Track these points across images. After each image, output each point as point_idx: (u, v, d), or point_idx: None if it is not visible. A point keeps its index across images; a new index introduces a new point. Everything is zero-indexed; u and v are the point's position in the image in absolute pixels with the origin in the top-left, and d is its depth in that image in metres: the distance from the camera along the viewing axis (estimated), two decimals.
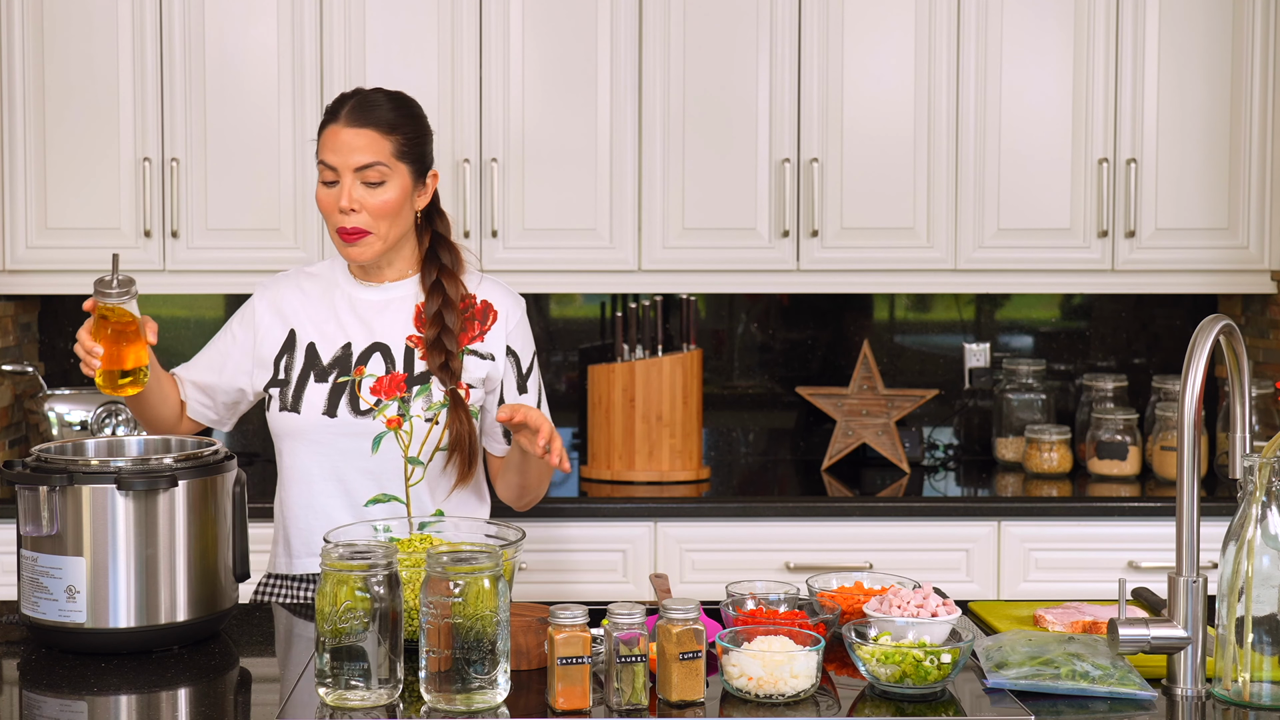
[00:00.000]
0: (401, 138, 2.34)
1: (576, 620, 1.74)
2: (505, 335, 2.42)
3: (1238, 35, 3.55)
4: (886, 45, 3.53)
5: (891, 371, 3.93)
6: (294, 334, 2.40)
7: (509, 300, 2.45)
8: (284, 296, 2.44)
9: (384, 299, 2.41)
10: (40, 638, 2.02)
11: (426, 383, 2.34)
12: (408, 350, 2.37)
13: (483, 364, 2.40)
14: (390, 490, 2.36)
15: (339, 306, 2.41)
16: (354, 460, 2.35)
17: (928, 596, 1.93)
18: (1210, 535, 2.14)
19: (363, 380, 2.35)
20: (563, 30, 3.51)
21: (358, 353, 2.37)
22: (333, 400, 2.35)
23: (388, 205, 2.32)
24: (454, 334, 2.36)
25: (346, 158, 2.30)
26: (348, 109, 2.34)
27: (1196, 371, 1.79)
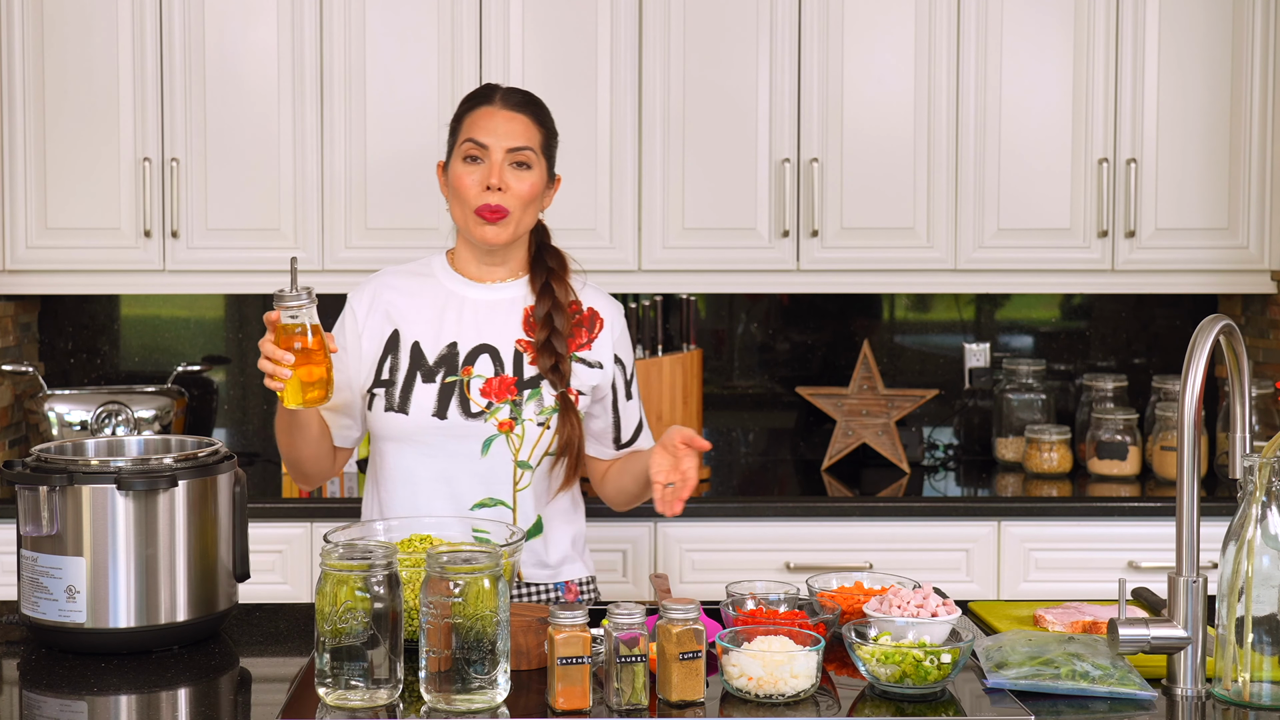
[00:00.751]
0: (547, 132, 2.37)
1: (576, 620, 1.74)
2: (612, 343, 2.41)
3: (1238, 35, 3.55)
4: (886, 45, 3.53)
5: (891, 371, 3.93)
6: (397, 334, 2.35)
7: (612, 308, 2.44)
8: (384, 294, 2.39)
9: (493, 299, 2.37)
10: (40, 638, 2.02)
11: (537, 387, 2.32)
12: (517, 354, 2.33)
13: (591, 372, 2.38)
14: (497, 494, 2.32)
15: (445, 305, 2.37)
16: (462, 462, 2.31)
17: (928, 596, 1.93)
18: (1210, 535, 2.14)
19: (471, 381, 2.31)
20: (563, 30, 3.51)
21: (464, 353, 2.33)
22: (442, 401, 2.30)
23: (532, 190, 2.31)
24: (564, 336, 2.33)
25: (502, 138, 2.30)
26: (502, 93, 2.35)
27: (1196, 371, 1.79)
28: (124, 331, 3.90)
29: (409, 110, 3.50)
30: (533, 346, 2.34)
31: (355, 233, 3.51)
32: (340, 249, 3.51)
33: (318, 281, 3.54)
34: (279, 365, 2.08)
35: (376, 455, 2.40)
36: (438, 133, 3.50)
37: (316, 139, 3.50)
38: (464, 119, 2.35)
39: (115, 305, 3.88)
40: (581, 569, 2.44)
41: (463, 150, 2.33)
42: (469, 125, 2.33)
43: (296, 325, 2.07)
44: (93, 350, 3.88)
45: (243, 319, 3.90)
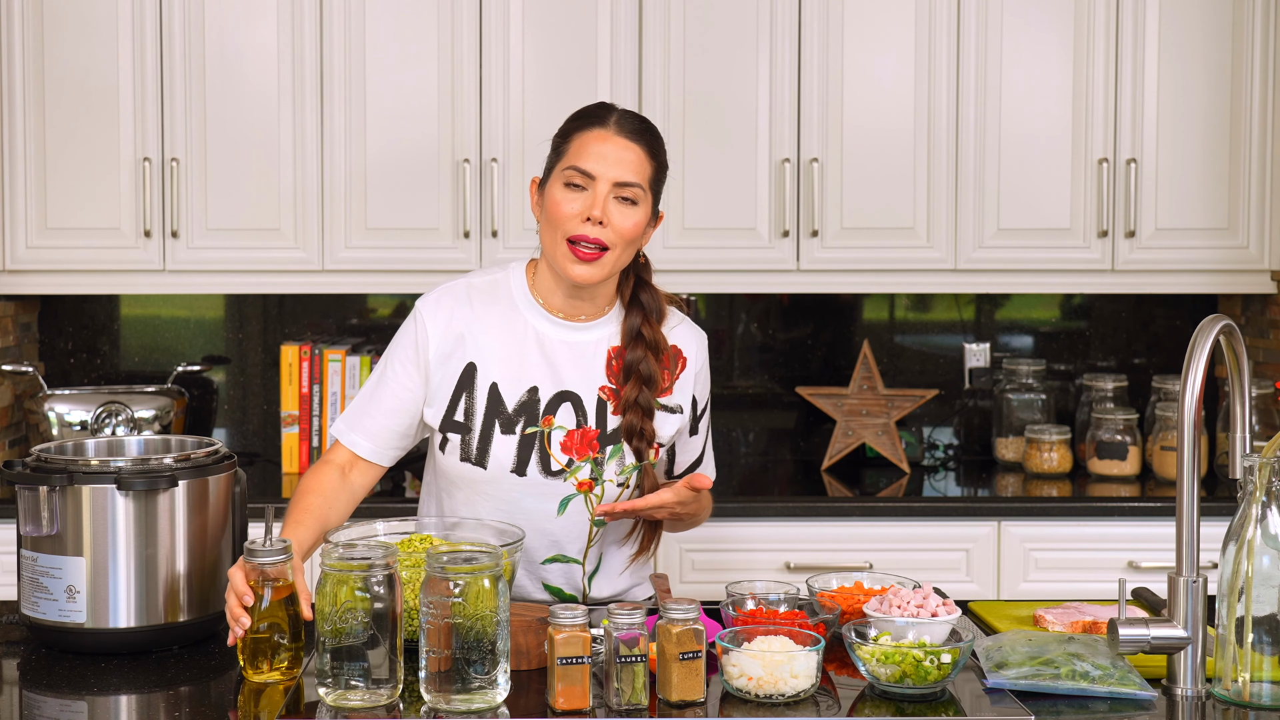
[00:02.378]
0: (658, 166, 2.19)
1: (576, 620, 1.74)
2: (693, 379, 2.29)
3: (1238, 35, 3.55)
4: (886, 45, 3.53)
5: (891, 371, 3.93)
6: (473, 368, 2.19)
7: (695, 343, 2.30)
8: (463, 320, 2.20)
9: (577, 340, 2.21)
10: (40, 638, 2.02)
11: (619, 442, 2.19)
12: (600, 403, 2.20)
13: (670, 418, 2.26)
14: (568, 553, 2.23)
15: (526, 344, 2.20)
16: (536, 521, 2.19)
17: (928, 596, 1.93)
18: (1210, 535, 2.13)
19: (552, 433, 2.18)
20: (563, 30, 3.51)
21: (545, 399, 2.18)
22: (522, 456, 2.17)
23: (634, 228, 2.13)
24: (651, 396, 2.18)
25: (611, 168, 2.11)
26: (617, 118, 2.16)
27: (1196, 371, 1.79)
28: (124, 331, 3.90)
29: (409, 110, 3.50)
30: (616, 397, 2.20)
31: (355, 233, 3.51)
32: (340, 249, 3.51)
33: (318, 281, 3.54)
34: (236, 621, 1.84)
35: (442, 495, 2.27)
36: (437, 132, 3.51)
37: (316, 139, 3.50)
38: (572, 138, 2.17)
39: (115, 305, 3.88)
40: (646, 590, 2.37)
41: (565, 175, 2.14)
42: (577, 149, 2.14)
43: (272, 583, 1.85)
44: (93, 350, 3.88)
45: (243, 319, 3.90)
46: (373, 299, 3.91)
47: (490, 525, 2.10)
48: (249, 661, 1.83)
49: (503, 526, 2.08)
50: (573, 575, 2.27)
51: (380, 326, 3.91)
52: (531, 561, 2.25)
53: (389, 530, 2.10)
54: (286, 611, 1.84)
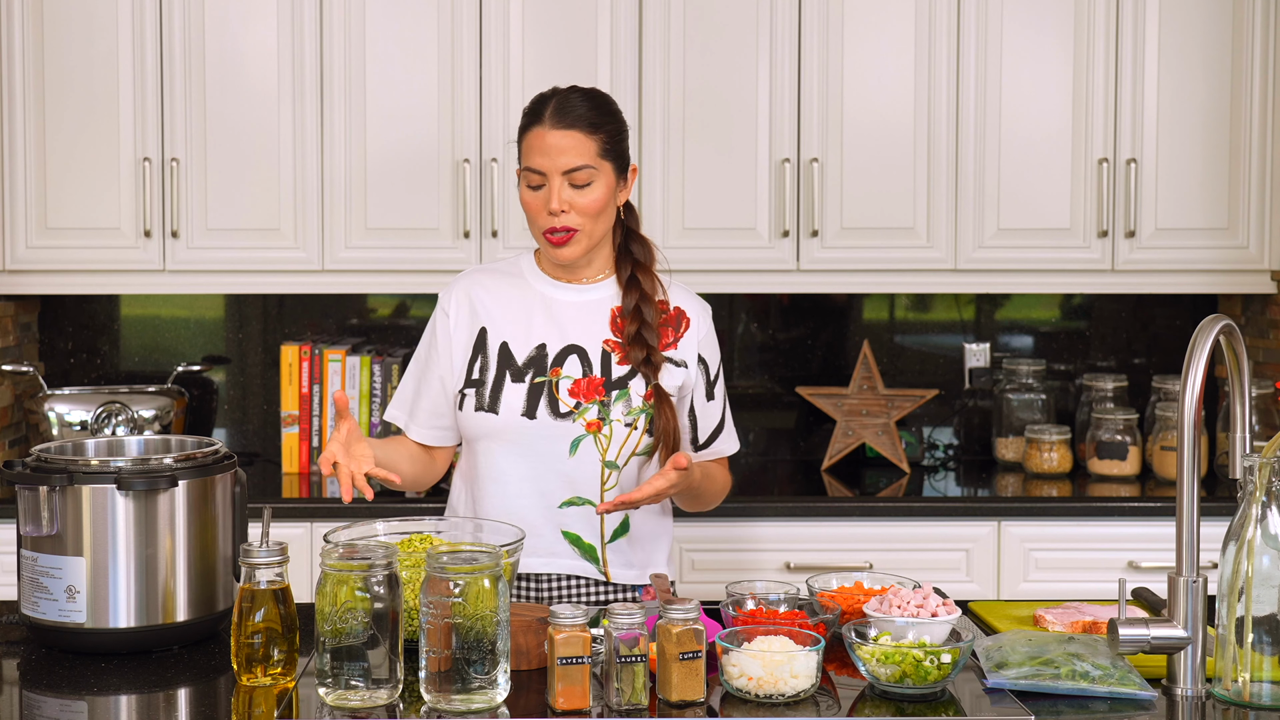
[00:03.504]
0: (605, 136, 2.32)
1: (576, 620, 1.74)
2: (697, 342, 2.40)
3: (1238, 35, 3.55)
4: (886, 45, 3.53)
5: (891, 371, 3.93)
6: (485, 332, 2.36)
7: (698, 307, 2.43)
8: (474, 292, 2.39)
9: (580, 300, 2.38)
10: (40, 638, 2.02)
11: (625, 388, 2.32)
12: (604, 354, 2.34)
13: (677, 371, 2.37)
14: (584, 493, 2.32)
15: (533, 307, 2.37)
16: (550, 462, 2.31)
17: (928, 596, 1.93)
18: (1210, 535, 2.14)
19: (559, 381, 2.32)
20: (563, 30, 3.51)
21: (553, 354, 2.33)
22: (531, 401, 2.31)
23: (596, 204, 2.30)
24: (653, 328, 2.33)
25: (555, 160, 2.28)
26: (550, 110, 2.31)
27: (1196, 371, 1.79)
28: (124, 331, 3.90)
29: (409, 110, 3.50)
30: (620, 346, 2.34)
31: (355, 233, 3.51)
32: (340, 249, 3.51)
33: (318, 281, 3.54)
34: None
35: (467, 454, 2.41)
36: (437, 132, 3.51)
37: (316, 139, 3.50)
38: (522, 141, 2.34)
39: (115, 305, 3.88)
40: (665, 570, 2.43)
41: (525, 178, 2.33)
42: (526, 150, 2.33)
43: (269, 590, 1.84)
44: (93, 350, 3.88)
45: (243, 319, 3.90)
46: (373, 299, 3.91)
47: (491, 524, 2.11)
48: (242, 666, 1.83)
49: (503, 526, 2.09)
50: (591, 521, 2.33)
51: (380, 326, 3.91)
52: (549, 507, 2.32)
53: (389, 530, 2.10)
54: (281, 614, 1.83)
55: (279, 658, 1.83)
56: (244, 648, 1.82)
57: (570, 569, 2.34)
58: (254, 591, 1.82)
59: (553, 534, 2.33)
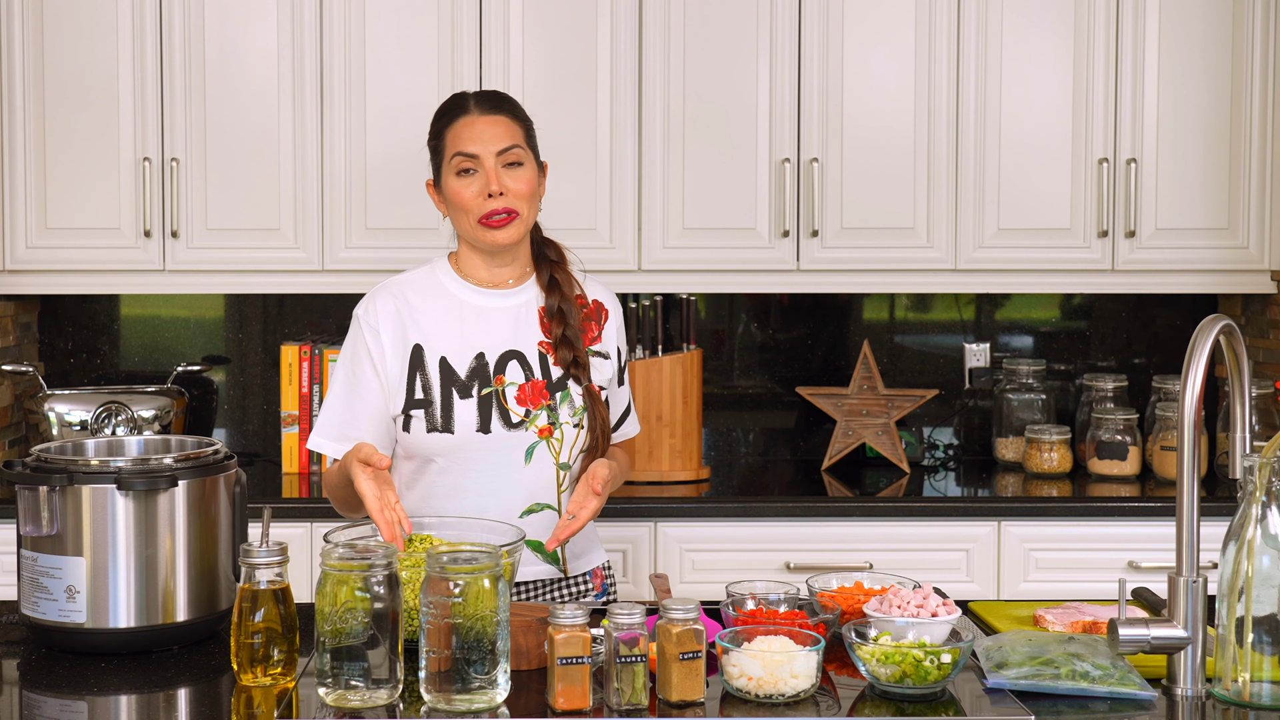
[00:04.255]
0: (526, 125, 2.39)
1: (576, 620, 1.74)
2: (616, 332, 2.47)
3: (1238, 35, 3.55)
4: (886, 45, 3.53)
5: (891, 371, 3.93)
6: (420, 350, 2.33)
7: (610, 298, 2.49)
8: (399, 310, 2.35)
9: (510, 305, 2.38)
10: (40, 638, 2.02)
11: (565, 388, 2.34)
12: (542, 356, 2.36)
13: (605, 363, 2.43)
14: (542, 499, 2.34)
15: (464, 317, 2.36)
16: (507, 472, 2.32)
17: (928, 596, 1.93)
18: (1210, 535, 2.13)
19: (506, 389, 2.32)
20: (563, 30, 3.51)
21: (493, 362, 2.33)
22: (483, 415, 2.31)
23: (529, 185, 2.33)
24: (576, 329, 2.36)
25: (488, 144, 2.31)
26: (475, 100, 2.37)
27: (1196, 371, 1.79)
28: (124, 331, 3.90)
29: (409, 110, 3.50)
30: (552, 349, 2.36)
31: (355, 233, 3.51)
32: (340, 249, 3.51)
33: (318, 281, 3.54)
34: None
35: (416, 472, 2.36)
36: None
37: (316, 139, 3.50)
38: (445, 134, 2.36)
39: (115, 305, 3.88)
40: (601, 556, 2.49)
41: (454, 165, 2.33)
42: (452, 139, 2.34)
43: (269, 590, 1.84)
44: (93, 350, 3.88)
45: (243, 319, 3.90)
46: None
47: (491, 524, 2.11)
48: (242, 666, 1.83)
49: (503, 526, 2.09)
50: (550, 525, 2.34)
51: None
52: (510, 517, 2.30)
53: None
54: (281, 614, 1.83)
55: (279, 658, 1.83)
56: (244, 648, 1.82)
57: (536, 574, 2.37)
58: (254, 591, 1.82)
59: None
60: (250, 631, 1.81)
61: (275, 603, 1.82)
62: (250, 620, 1.81)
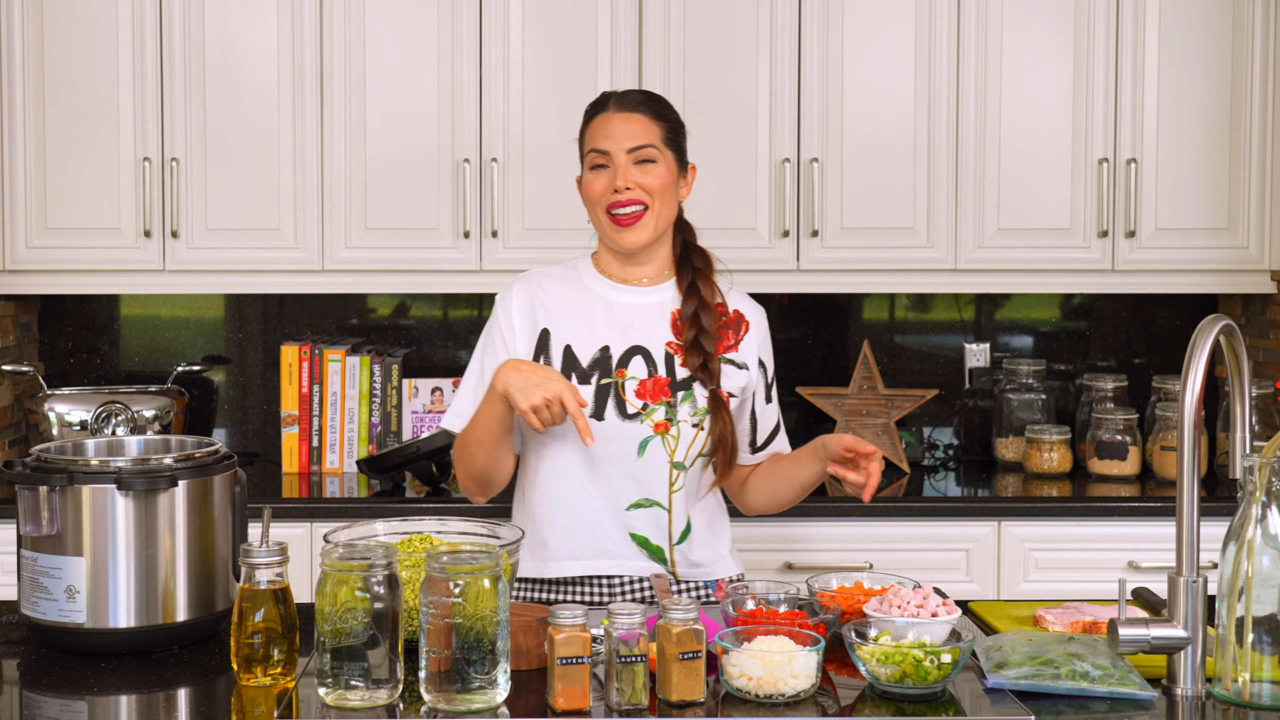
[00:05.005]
0: (668, 125, 2.38)
1: (576, 620, 1.74)
2: (757, 346, 2.43)
3: (1238, 35, 3.55)
4: (886, 45, 3.53)
5: (891, 371, 3.93)
6: (547, 333, 2.36)
7: (755, 311, 2.47)
8: (534, 297, 2.39)
9: (642, 303, 2.39)
10: (40, 638, 2.02)
11: (689, 389, 2.33)
12: (668, 356, 2.35)
13: (740, 373, 2.40)
14: (652, 495, 2.33)
15: (594, 309, 2.38)
16: (617, 464, 2.31)
17: (928, 596, 1.93)
18: (1210, 535, 2.13)
19: (625, 382, 2.32)
20: (563, 30, 3.51)
21: (617, 355, 2.34)
22: (599, 403, 2.31)
23: (662, 182, 2.33)
24: (711, 335, 2.35)
25: (621, 141, 2.33)
26: (615, 99, 2.38)
27: (1196, 371, 1.79)
28: (124, 331, 3.90)
29: (409, 110, 3.50)
30: (682, 349, 2.35)
31: (355, 233, 3.51)
32: (340, 249, 3.51)
33: (318, 281, 3.54)
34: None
35: (528, 455, 2.39)
36: (437, 132, 3.51)
37: (316, 139, 3.50)
38: (585, 132, 2.39)
39: (115, 305, 3.88)
40: (732, 568, 2.44)
41: (589, 160, 2.37)
42: (589, 136, 2.37)
43: (269, 590, 1.84)
44: (93, 350, 3.88)
45: (243, 319, 3.90)
46: (372, 299, 3.91)
47: (490, 524, 2.11)
48: (242, 666, 1.83)
49: (503, 526, 2.09)
50: (659, 522, 2.33)
51: (380, 326, 3.91)
52: (616, 508, 2.32)
53: (389, 530, 2.10)
54: (281, 614, 1.83)
55: (279, 658, 1.83)
56: (244, 648, 1.82)
57: (638, 570, 2.34)
58: (254, 591, 1.82)
59: (620, 536, 2.33)
60: (250, 631, 1.81)
61: (275, 603, 1.82)
62: (250, 620, 1.81)
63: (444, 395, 3.72)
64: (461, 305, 3.91)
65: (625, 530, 2.33)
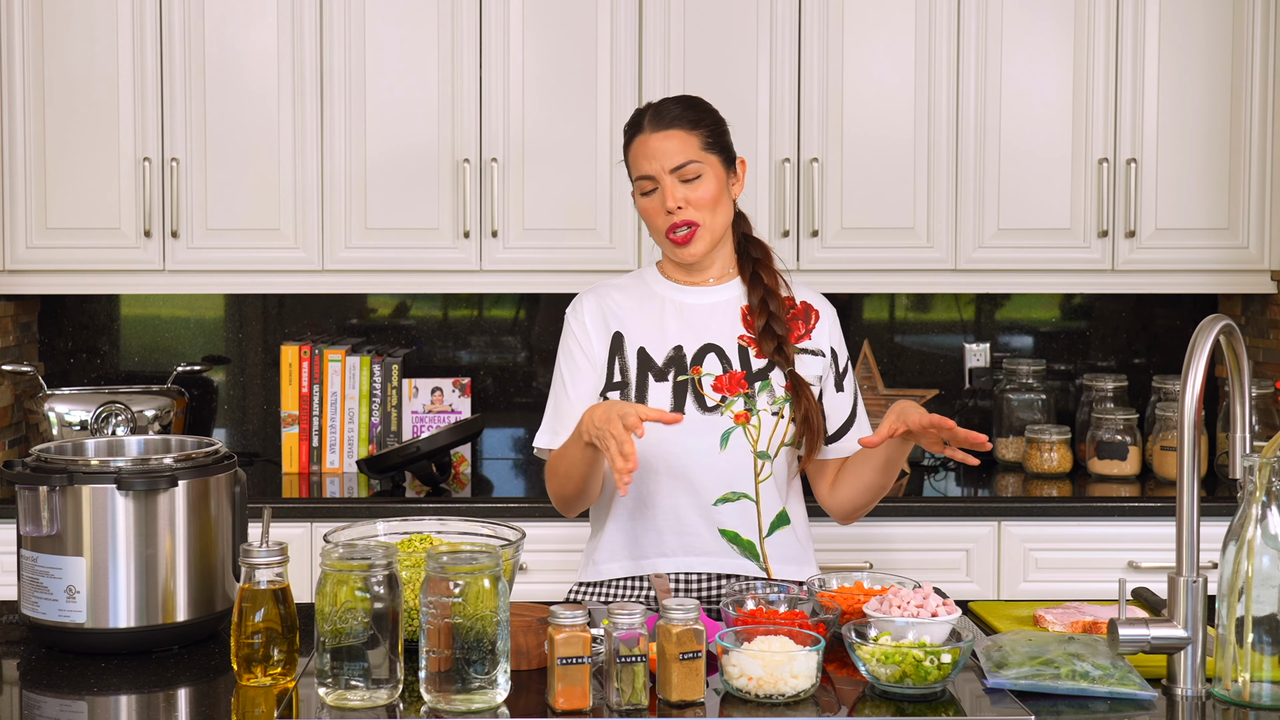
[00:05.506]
0: (705, 131, 2.38)
1: (576, 620, 1.74)
2: (828, 335, 2.44)
3: (1238, 35, 3.55)
4: (886, 45, 3.53)
5: (891, 371, 3.93)
6: (620, 336, 2.38)
7: (822, 301, 2.48)
8: (604, 304, 2.41)
9: (710, 302, 2.41)
10: (40, 638, 2.02)
11: (766, 378, 2.34)
12: (741, 349, 2.36)
13: (816, 360, 2.40)
14: (739, 487, 2.33)
15: (665, 313, 2.40)
16: (701, 458, 2.32)
17: (928, 596, 1.93)
18: (1210, 535, 2.13)
19: (702, 378, 2.34)
20: (563, 30, 3.51)
21: (691, 354, 2.36)
22: (678, 398, 2.32)
23: (709, 196, 2.34)
24: (781, 319, 2.37)
25: (661, 161, 2.33)
26: (648, 118, 2.38)
27: (1196, 371, 1.79)
28: (124, 331, 3.90)
29: (409, 110, 3.50)
30: (754, 341, 2.37)
31: (355, 233, 3.51)
32: (340, 249, 3.51)
33: (318, 281, 3.54)
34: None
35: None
36: (437, 132, 3.51)
37: (316, 139, 3.50)
38: (627, 155, 2.40)
39: (115, 305, 3.89)
40: (813, 568, 2.43)
41: (638, 187, 2.37)
42: (632, 162, 2.38)
43: (269, 590, 1.83)
44: (93, 350, 3.88)
45: (243, 319, 3.90)
46: (372, 299, 3.91)
47: (490, 524, 2.11)
48: (242, 666, 1.83)
49: (503, 526, 2.09)
50: (747, 516, 2.33)
51: (380, 326, 3.91)
52: (704, 505, 2.31)
53: (389, 530, 2.10)
54: (281, 614, 1.83)
55: (279, 658, 1.83)
56: (244, 648, 1.82)
57: (730, 568, 2.33)
58: (254, 591, 1.82)
59: (710, 533, 2.32)
60: (250, 631, 1.81)
61: (275, 603, 1.82)
62: (250, 620, 1.81)
63: (444, 395, 3.72)
64: (461, 305, 3.91)
65: (714, 526, 2.32)
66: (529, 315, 3.92)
